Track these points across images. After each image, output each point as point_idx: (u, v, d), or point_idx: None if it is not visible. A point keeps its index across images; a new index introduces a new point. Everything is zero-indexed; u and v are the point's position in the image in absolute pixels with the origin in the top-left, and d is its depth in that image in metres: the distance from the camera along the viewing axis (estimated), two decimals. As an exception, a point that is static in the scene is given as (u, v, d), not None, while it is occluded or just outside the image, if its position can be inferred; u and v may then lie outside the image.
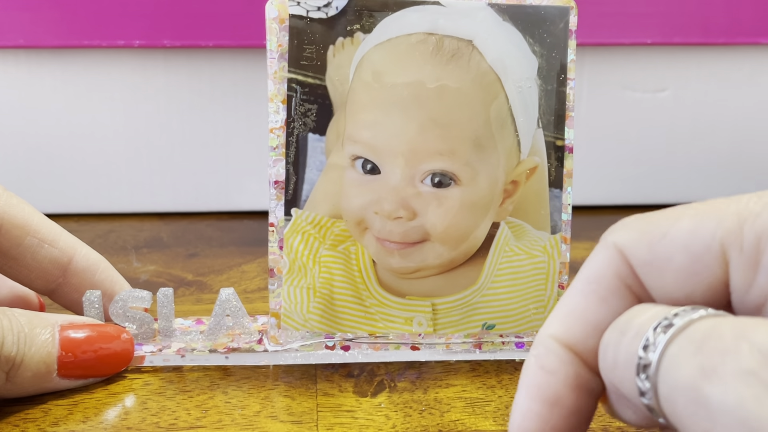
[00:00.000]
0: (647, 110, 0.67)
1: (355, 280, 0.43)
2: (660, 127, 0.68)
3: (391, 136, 0.41)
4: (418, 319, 0.43)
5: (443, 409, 0.40)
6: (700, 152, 0.69)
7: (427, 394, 0.41)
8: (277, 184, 0.42)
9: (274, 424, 0.39)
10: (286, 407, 0.40)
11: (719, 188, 0.70)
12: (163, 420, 0.39)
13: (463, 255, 0.43)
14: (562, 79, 0.42)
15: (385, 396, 0.41)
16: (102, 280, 0.45)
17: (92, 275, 0.45)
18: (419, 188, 0.42)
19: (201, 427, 0.39)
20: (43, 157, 0.64)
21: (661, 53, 0.66)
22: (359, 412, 0.40)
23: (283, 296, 0.43)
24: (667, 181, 0.70)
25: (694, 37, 0.64)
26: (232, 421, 0.39)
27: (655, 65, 0.66)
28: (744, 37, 0.64)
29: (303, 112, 0.42)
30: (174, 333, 0.44)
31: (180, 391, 0.42)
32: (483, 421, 0.39)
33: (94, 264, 0.45)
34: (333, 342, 0.43)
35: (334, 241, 0.43)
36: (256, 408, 0.40)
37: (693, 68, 0.67)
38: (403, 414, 0.40)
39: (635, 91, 0.67)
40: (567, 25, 0.42)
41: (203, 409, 0.40)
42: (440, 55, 0.41)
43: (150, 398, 0.41)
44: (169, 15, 0.61)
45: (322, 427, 0.39)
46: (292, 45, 0.41)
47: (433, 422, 0.39)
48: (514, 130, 0.42)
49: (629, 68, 0.66)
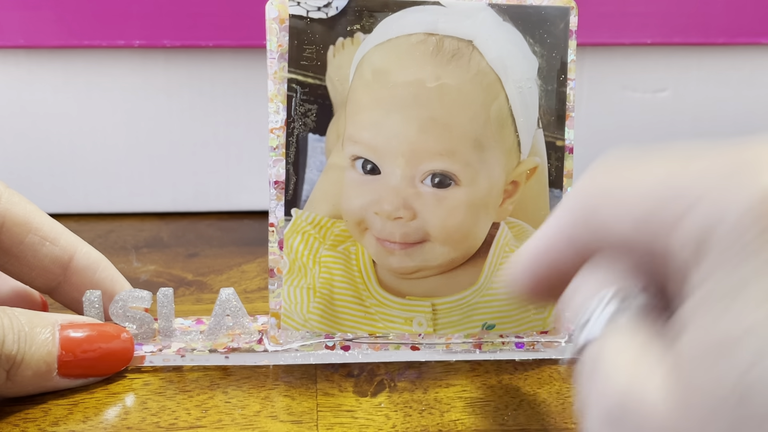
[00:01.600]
0: (647, 110, 0.67)
1: (355, 280, 0.43)
2: (660, 127, 0.68)
3: (391, 136, 0.41)
4: (418, 319, 0.43)
5: (443, 409, 0.40)
6: None
7: (427, 394, 0.41)
8: (277, 185, 0.42)
9: (274, 424, 0.39)
10: (286, 407, 0.40)
11: None
12: (163, 420, 0.39)
13: (463, 255, 0.43)
14: (562, 79, 0.42)
15: (385, 396, 0.41)
16: (102, 279, 0.45)
17: (93, 273, 0.44)
18: (419, 188, 0.42)
19: (201, 426, 0.38)
20: (43, 157, 0.64)
21: (661, 53, 0.66)
22: (359, 412, 0.40)
23: (283, 296, 0.42)
24: None
25: (694, 37, 0.64)
26: (232, 420, 0.39)
27: (655, 65, 0.66)
28: (744, 37, 0.64)
29: (303, 112, 0.42)
30: (174, 333, 0.44)
31: (180, 391, 0.41)
32: (483, 421, 0.39)
33: (94, 262, 0.45)
34: (333, 342, 0.43)
35: (334, 241, 0.43)
36: (256, 408, 0.40)
37: (693, 68, 0.67)
38: (403, 414, 0.39)
39: (635, 91, 0.67)
40: (567, 26, 0.41)
41: (203, 408, 0.40)
42: (440, 55, 0.41)
43: (150, 398, 0.41)
44: (169, 15, 0.60)
45: (322, 427, 0.38)
46: (292, 45, 0.41)
47: (433, 422, 0.39)
48: (515, 130, 0.42)
49: (629, 68, 0.66)
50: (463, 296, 0.43)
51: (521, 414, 0.39)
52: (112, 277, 0.45)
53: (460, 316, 0.43)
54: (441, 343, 0.43)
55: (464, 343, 0.43)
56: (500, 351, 0.43)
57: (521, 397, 0.41)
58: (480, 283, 0.43)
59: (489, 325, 0.43)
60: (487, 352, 0.43)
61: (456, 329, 0.43)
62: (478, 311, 0.43)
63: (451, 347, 0.43)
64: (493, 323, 0.43)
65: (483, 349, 0.43)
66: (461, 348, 0.43)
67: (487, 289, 0.43)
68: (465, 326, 0.43)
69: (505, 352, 0.43)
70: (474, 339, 0.43)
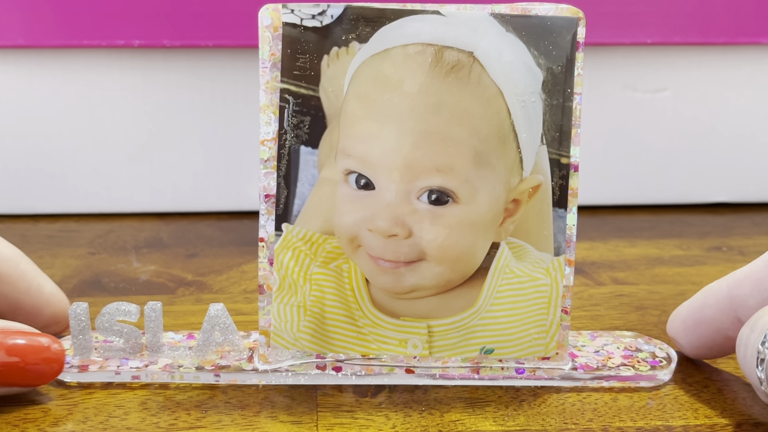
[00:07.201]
0: (647, 110, 0.67)
1: (348, 299, 0.39)
2: (660, 127, 0.67)
3: (386, 150, 0.37)
4: (413, 341, 0.39)
5: (443, 409, 0.38)
6: (700, 152, 0.68)
7: (427, 394, 0.39)
8: (267, 198, 0.38)
9: (274, 424, 0.36)
10: (286, 407, 0.38)
11: (719, 188, 0.69)
12: (163, 420, 0.37)
13: (461, 276, 0.38)
14: (568, 93, 0.37)
15: (385, 396, 0.39)
16: (26, 271, 0.41)
17: (16, 265, 0.41)
18: (415, 205, 0.37)
19: (201, 427, 0.36)
20: (43, 157, 0.64)
21: (661, 53, 0.65)
22: (359, 412, 0.37)
23: (272, 314, 0.39)
24: (667, 181, 0.69)
25: (694, 37, 0.64)
26: (232, 421, 0.37)
27: (655, 65, 0.65)
28: (744, 37, 0.64)
29: (295, 123, 0.38)
30: (161, 348, 0.40)
31: (180, 391, 0.39)
32: (483, 421, 0.37)
33: (17, 255, 0.42)
34: (324, 362, 0.39)
35: (325, 258, 0.38)
36: (256, 408, 0.38)
37: (693, 68, 0.66)
38: (403, 414, 0.37)
39: (635, 91, 0.66)
40: (575, 37, 0.37)
41: (203, 409, 0.38)
42: (439, 66, 0.37)
43: (150, 398, 0.39)
44: (169, 15, 0.59)
45: (322, 427, 0.36)
46: (285, 54, 0.37)
47: (433, 422, 0.37)
48: (517, 146, 0.37)
49: (629, 68, 0.66)
50: (460, 318, 0.39)
51: (521, 414, 0.37)
52: (36, 270, 0.42)
53: (457, 338, 0.39)
54: (437, 367, 0.39)
55: (461, 368, 0.39)
56: (499, 376, 0.39)
57: (521, 397, 0.38)
58: (478, 305, 0.38)
59: (487, 350, 0.39)
60: (486, 378, 0.39)
61: (453, 352, 0.39)
62: (476, 334, 0.39)
63: (447, 371, 0.39)
64: (492, 347, 0.39)
65: (481, 373, 0.39)
66: (458, 372, 0.39)
67: (485, 312, 0.38)
68: (462, 350, 0.39)
69: (505, 379, 0.39)
70: (471, 363, 0.39)
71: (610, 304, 0.49)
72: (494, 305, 0.38)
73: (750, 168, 0.68)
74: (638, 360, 0.40)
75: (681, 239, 0.61)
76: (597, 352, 0.41)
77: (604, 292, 0.51)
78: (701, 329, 0.39)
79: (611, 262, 0.56)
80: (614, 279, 0.53)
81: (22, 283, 0.41)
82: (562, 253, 0.38)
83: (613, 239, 0.61)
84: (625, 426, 0.36)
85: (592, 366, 0.40)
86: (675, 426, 0.36)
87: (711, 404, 0.38)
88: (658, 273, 0.54)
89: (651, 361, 0.40)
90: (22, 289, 0.41)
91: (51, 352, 0.38)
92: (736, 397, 0.38)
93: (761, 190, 0.68)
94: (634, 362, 0.40)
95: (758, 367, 0.33)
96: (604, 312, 0.48)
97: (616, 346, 0.41)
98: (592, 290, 0.51)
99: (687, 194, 0.68)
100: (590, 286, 0.52)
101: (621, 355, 0.41)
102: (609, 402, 0.38)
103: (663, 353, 0.41)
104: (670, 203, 0.68)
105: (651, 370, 0.39)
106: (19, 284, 0.41)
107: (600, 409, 0.37)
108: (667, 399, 0.38)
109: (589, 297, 0.50)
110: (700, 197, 0.68)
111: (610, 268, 0.55)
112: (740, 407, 0.37)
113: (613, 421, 0.36)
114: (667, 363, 0.40)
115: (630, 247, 0.59)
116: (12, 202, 0.64)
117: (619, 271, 0.54)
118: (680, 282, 0.52)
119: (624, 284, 0.52)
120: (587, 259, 0.56)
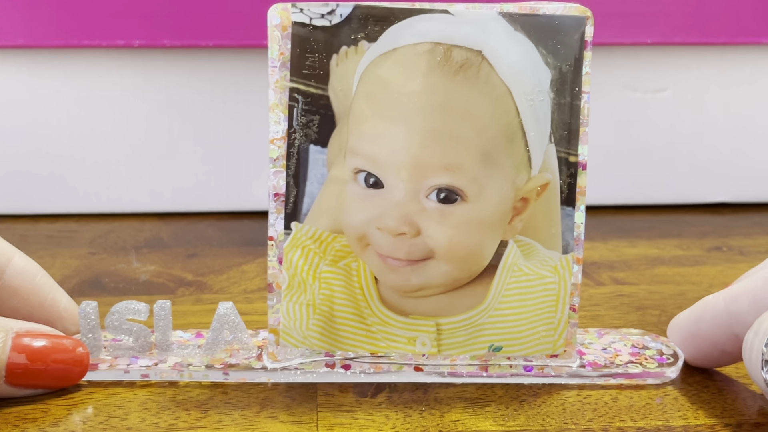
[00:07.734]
0: (647, 110, 0.67)
1: (357, 297, 0.39)
2: (660, 127, 0.67)
3: (395, 149, 0.37)
4: (421, 339, 0.39)
5: (443, 409, 0.38)
6: (700, 152, 0.68)
7: (428, 394, 0.39)
8: (277, 197, 0.38)
9: (274, 424, 0.36)
10: (286, 407, 0.38)
11: (719, 188, 0.69)
12: (163, 420, 0.37)
13: (469, 274, 0.39)
14: (576, 92, 0.37)
15: (385, 396, 0.39)
16: (41, 284, 0.41)
17: (32, 278, 0.41)
18: (424, 204, 0.38)
19: (201, 427, 0.36)
20: (43, 157, 0.64)
21: (661, 53, 0.65)
22: (359, 412, 0.37)
23: (282, 312, 0.39)
24: (667, 181, 0.69)
25: (694, 37, 0.64)
26: (232, 421, 0.37)
27: (655, 65, 0.66)
28: (744, 37, 0.64)
29: (305, 123, 0.38)
30: (171, 347, 0.41)
31: (180, 391, 0.39)
32: (483, 421, 0.37)
33: (33, 267, 0.42)
34: (333, 360, 0.39)
35: (334, 256, 0.39)
36: (256, 408, 0.38)
37: (693, 68, 0.66)
38: (403, 414, 0.37)
39: (636, 91, 0.66)
40: (583, 36, 0.37)
41: (203, 409, 0.38)
42: (448, 65, 0.37)
43: (150, 398, 0.39)
44: (169, 15, 0.60)
45: (322, 427, 0.36)
46: (294, 53, 0.37)
47: (433, 422, 0.37)
48: (525, 144, 0.38)
49: (629, 68, 0.66)
50: (468, 316, 0.39)
51: (521, 414, 0.37)
52: (51, 284, 0.42)
53: (466, 336, 0.39)
54: (446, 365, 0.39)
55: (470, 365, 0.39)
56: (508, 374, 0.39)
57: (521, 398, 0.39)
58: (487, 303, 0.39)
59: (496, 347, 0.39)
60: (494, 375, 0.39)
61: (461, 350, 0.39)
62: (484, 332, 0.39)
63: (456, 369, 0.39)
64: (501, 345, 0.39)
65: (489, 371, 0.39)
66: (467, 370, 0.39)
67: (494, 310, 0.39)
68: (471, 347, 0.39)
69: (512, 376, 0.39)
70: (480, 361, 0.39)
71: (610, 304, 0.49)
72: (502, 303, 0.39)
73: (750, 168, 0.68)
74: (645, 357, 0.41)
75: (681, 239, 0.61)
76: (604, 350, 0.41)
77: (604, 292, 0.51)
78: (698, 342, 0.39)
79: (611, 262, 0.56)
80: (614, 279, 0.53)
81: (36, 297, 0.41)
82: (570, 251, 0.39)
83: (613, 239, 0.61)
84: (625, 426, 0.36)
85: (600, 363, 0.40)
86: (675, 426, 0.36)
87: (711, 404, 0.38)
88: (658, 273, 0.54)
89: (658, 359, 0.40)
90: (35, 304, 0.41)
91: (75, 354, 0.39)
92: (736, 397, 0.38)
93: (761, 190, 0.68)
94: (642, 359, 0.40)
95: (763, 368, 0.33)
96: (604, 312, 0.48)
97: (623, 344, 0.42)
98: (592, 290, 0.51)
99: (687, 194, 0.68)
100: (590, 286, 0.52)
101: (628, 352, 0.41)
102: (609, 402, 0.38)
103: (670, 350, 0.41)
104: (670, 203, 0.68)
105: (659, 367, 0.40)
106: (31, 299, 0.41)
107: (600, 409, 0.37)
108: (668, 399, 0.38)
109: (589, 297, 0.50)
110: (700, 197, 0.68)
111: (610, 268, 0.55)
112: (740, 407, 0.38)
113: (614, 421, 0.36)
114: (674, 360, 0.40)
115: (630, 247, 0.59)
116: (12, 202, 0.64)
117: (619, 271, 0.55)
118: (680, 282, 0.53)
119: (624, 284, 0.52)
120: (587, 259, 0.56)
